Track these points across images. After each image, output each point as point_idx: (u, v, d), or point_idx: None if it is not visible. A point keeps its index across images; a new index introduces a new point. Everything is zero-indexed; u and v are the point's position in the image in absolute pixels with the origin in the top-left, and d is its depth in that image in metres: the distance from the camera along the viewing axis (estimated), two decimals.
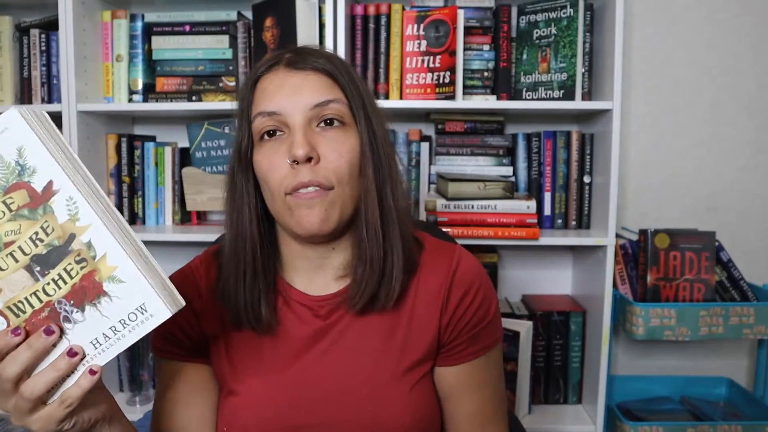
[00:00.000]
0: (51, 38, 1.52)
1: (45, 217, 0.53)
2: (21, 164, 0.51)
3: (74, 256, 0.53)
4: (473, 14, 1.48)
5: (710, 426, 1.37)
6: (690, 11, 1.61)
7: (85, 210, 0.52)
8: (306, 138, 0.67)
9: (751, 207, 1.65)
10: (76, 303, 0.54)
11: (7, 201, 0.52)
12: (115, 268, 0.53)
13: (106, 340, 0.55)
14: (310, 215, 0.68)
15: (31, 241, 0.53)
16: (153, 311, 0.54)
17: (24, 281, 0.53)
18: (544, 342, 1.53)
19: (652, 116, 1.65)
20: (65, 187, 0.52)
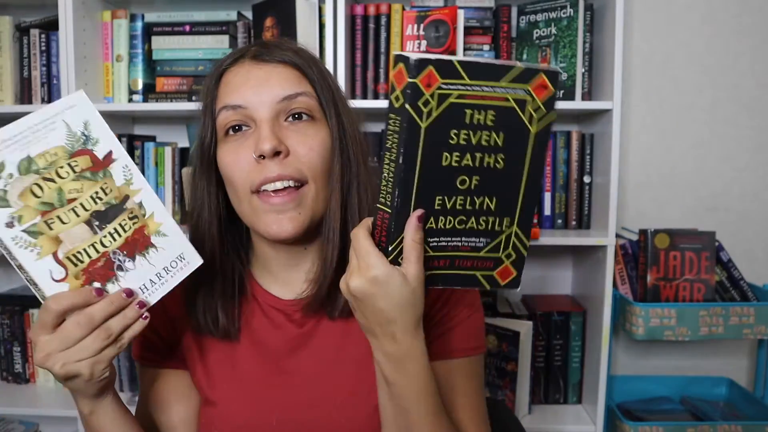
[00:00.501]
0: (51, 38, 1.52)
1: (105, 180, 0.61)
2: (86, 135, 0.60)
3: (128, 213, 0.62)
4: (473, 14, 1.48)
5: (710, 426, 1.37)
6: (690, 11, 1.61)
7: (137, 176, 0.62)
8: (273, 131, 0.64)
9: (751, 207, 1.65)
10: (128, 253, 0.62)
11: (72, 163, 0.59)
12: (160, 224, 0.63)
13: (152, 284, 0.63)
14: (280, 221, 0.65)
15: (92, 198, 0.60)
16: (189, 259, 0.64)
17: (83, 234, 0.60)
18: (544, 342, 1.53)
19: (652, 116, 1.64)
20: (122, 156, 0.61)
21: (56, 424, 1.64)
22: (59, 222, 0.59)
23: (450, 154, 0.52)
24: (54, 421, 1.64)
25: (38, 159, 0.58)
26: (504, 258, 0.58)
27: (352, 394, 0.71)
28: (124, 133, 1.59)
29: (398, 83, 0.49)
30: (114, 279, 0.62)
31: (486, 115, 0.52)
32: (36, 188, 0.58)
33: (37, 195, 0.58)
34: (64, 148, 0.59)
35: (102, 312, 0.58)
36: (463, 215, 0.55)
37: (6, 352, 1.64)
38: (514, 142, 0.54)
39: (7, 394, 1.58)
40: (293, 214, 0.65)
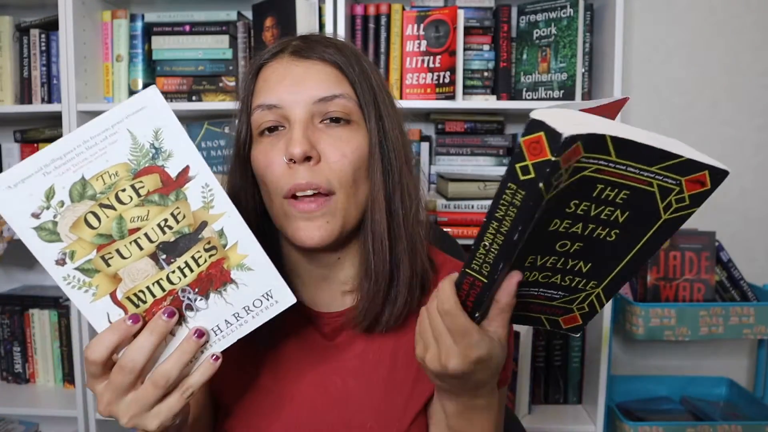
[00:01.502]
0: (51, 38, 1.52)
1: (176, 204, 0.50)
2: (156, 147, 0.48)
3: (204, 243, 0.51)
4: (473, 14, 1.48)
5: (710, 426, 1.37)
6: (690, 11, 1.61)
7: (220, 198, 0.50)
8: (305, 135, 0.60)
9: (751, 207, 1.65)
10: (200, 291, 0.52)
11: (136, 185, 0.49)
12: (245, 256, 0.52)
13: (228, 326, 0.54)
14: (309, 228, 0.61)
15: (159, 227, 0.50)
16: (279, 297, 0.54)
17: (147, 269, 0.51)
18: (544, 342, 1.53)
19: (652, 116, 1.64)
20: (202, 173, 0.49)
21: (56, 424, 1.64)
22: (118, 257, 0.50)
23: (561, 220, 0.47)
24: (54, 421, 1.64)
25: (94, 182, 0.48)
26: (575, 309, 0.53)
27: (381, 416, 0.68)
28: None
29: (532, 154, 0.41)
30: (182, 320, 0.53)
31: (618, 193, 0.46)
32: (91, 218, 0.49)
33: (92, 226, 0.49)
34: (127, 165, 0.48)
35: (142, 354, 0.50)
36: (549, 272, 0.51)
37: (6, 352, 1.64)
38: (639, 223, 0.48)
39: (7, 394, 1.58)
40: (321, 222, 0.61)
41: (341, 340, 0.70)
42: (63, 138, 0.47)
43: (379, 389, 0.68)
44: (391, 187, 0.65)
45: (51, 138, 1.59)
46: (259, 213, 0.68)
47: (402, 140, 0.67)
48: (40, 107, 1.51)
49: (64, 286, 0.50)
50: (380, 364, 0.69)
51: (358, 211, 0.64)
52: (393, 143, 0.65)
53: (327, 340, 0.70)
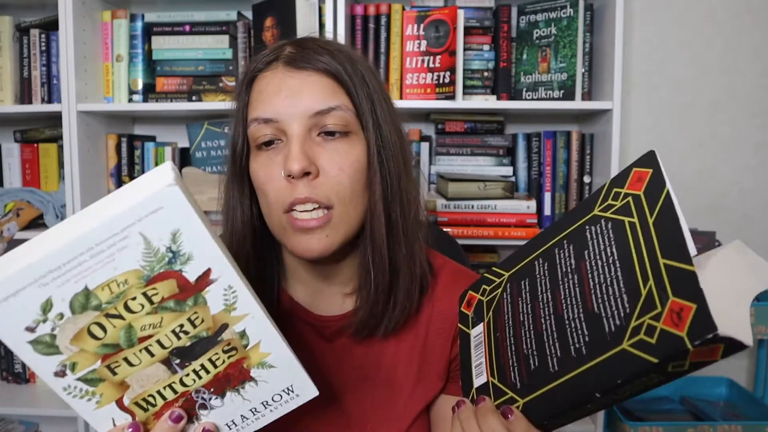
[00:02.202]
0: (51, 38, 1.52)
1: (194, 309, 0.44)
2: (173, 251, 0.42)
3: (223, 345, 0.47)
4: (473, 14, 1.48)
5: (710, 426, 1.37)
6: (690, 11, 1.61)
7: (244, 299, 0.45)
8: (303, 150, 0.59)
9: (751, 207, 1.65)
10: (216, 391, 0.48)
11: (149, 293, 0.43)
12: (267, 355, 0.48)
13: (244, 420, 0.50)
14: (309, 241, 0.61)
15: (174, 334, 0.45)
16: (300, 391, 0.50)
17: (158, 375, 0.46)
18: None
19: (652, 116, 1.64)
20: (225, 275, 0.44)
21: (56, 424, 1.65)
22: (126, 365, 0.45)
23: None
24: (54, 421, 1.64)
25: (99, 291, 0.42)
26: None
27: (381, 418, 0.68)
28: (124, 133, 1.59)
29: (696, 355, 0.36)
30: (195, 419, 0.49)
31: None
32: (96, 328, 0.43)
33: (96, 336, 0.43)
34: (139, 272, 0.42)
35: None
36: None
37: (6, 352, 1.63)
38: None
39: (7, 394, 1.58)
40: (321, 235, 0.61)
41: (341, 343, 0.70)
42: (63, 244, 0.39)
43: (380, 391, 0.68)
44: (390, 195, 0.64)
45: (51, 138, 1.59)
46: (256, 222, 0.67)
47: (400, 143, 0.66)
48: (40, 107, 1.51)
49: (65, 396, 0.45)
50: (380, 366, 0.69)
51: (357, 221, 0.64)
52: (392, 150, 0.64)
53: (327, 342, 0.70)
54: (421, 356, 0.70)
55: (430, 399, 0.70)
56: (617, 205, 0.47)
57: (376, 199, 0.63)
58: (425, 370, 0.70)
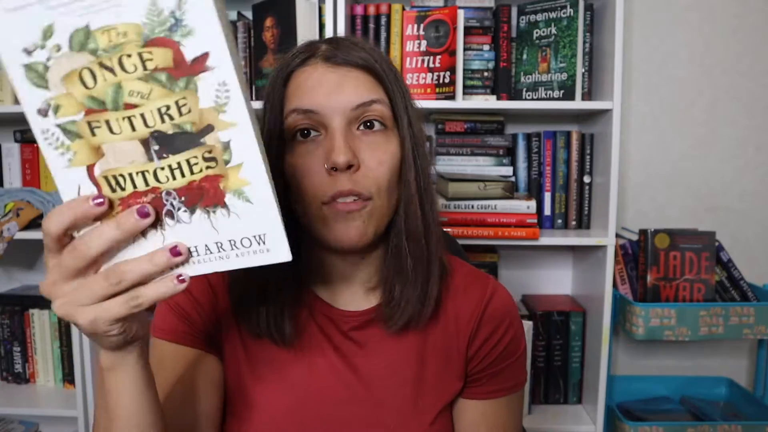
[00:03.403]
0: None
1: (184, 93, 0.42)
2: (177, 17, 0.40)
3: (204, 150, 0.44)
4: (473, 14, 1.48)
5: (710, 426, 1.37)
6: (690, 11, 1.61)
7: (236, 104, 0.42)
8: (347, 143, 0.61)
9: (751, 207, 1.65)
10: (187, 201, 0.45)
11: (144, 55, 0.41)
12: (246, 183, 0.45)
13: (207, 253, 0.47)
14: (349, 229, 0.62)
15: (159, 113, 0.43)
16: (271, 247, 0.46)
17: (135, 155, 0.44)
18: (544, 342, 1.53)
19: (652, 116, 1.65)
20: (223, 68, 0.41)
21: (56, 424, 1.65)
22: (106, 129, 0.43)
23: None
24: (54, 421, 1.64)
25: (99, 35, 0.41)
26: None
27: (406, 416, 0.69)
28: None
29: None
30: (158, 225, 0.46)
31: None
32: (87, 74, 0.42)
33: (86, 84, 0.42)
34: (139, 28, 0.41)
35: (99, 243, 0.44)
36: None
37: (6, 352, 1.64)
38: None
39: (7, 394, 1.58)
40: (359, 223, 0.62)
41: (364, 338, 0.70)
42: None
43: (404, 388, 0.69)
44: (423, 188, 0.66)
45: None
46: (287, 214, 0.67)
47: (425, 142, 0.69)
48: None
49: (42, 140, 0.44)
50: (405, 362, 0.70)
51: (389, 214, 0.66)
52: (422, 147, 0.67)
53: (349, 338, 0.70)
54: (443, 354, 0.71)
55: (451, 397, 0.71)
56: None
57: (412, 194, 0.65)
58: (446, 367, 0.71)
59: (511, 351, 0.73)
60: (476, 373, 0.72)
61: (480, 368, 0.72)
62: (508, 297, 0.75)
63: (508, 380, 0.73)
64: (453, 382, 0.71)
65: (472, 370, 0.72)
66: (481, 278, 0.75)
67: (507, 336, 0.72)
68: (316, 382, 0.69)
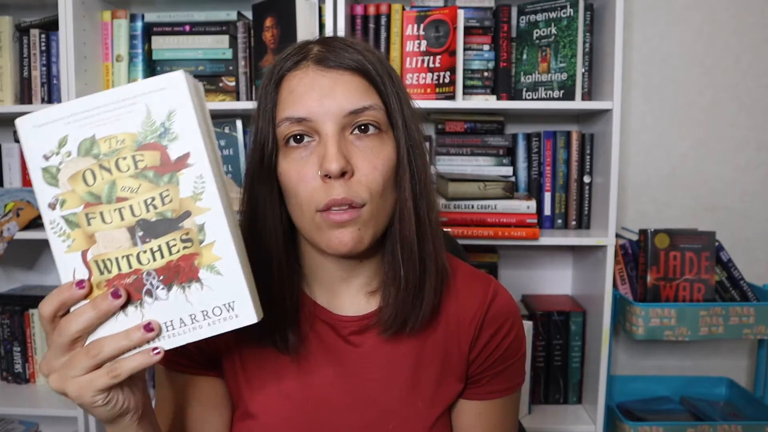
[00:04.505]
0: (51, 38, 1.52)
1: (168, 186, 0.51)
2: (166, 127, 0.50)
3: (182, 233, 0.51)
4: (473, 14, 1.48)
5: (710, 426, 1.37)
6: (690, 11, 1.61)
7: (210, 193, 0.50)
8: (340, 149, 0.60)
9: (751, 207, 1.65)
10: (165, 280, 0.52)
11: (137, 157, 0.50)
12: (218, 258, 0.51)
13: (182, 326, 0.52)
14: (342, 236, 0.61)
15: (145, 204, 0.51)
16: (240, 312, 0.52)
17: (122, 241, 0.51)
18: (544, 342, 1.53)
19: (652, 116, 1.64)
20: (200, 164, 0.50)
21: (56, 424, 1.65)
22: (100, 219, 0.51)
23: None
24: (54, 421, 1.64)
25: (102, 142, 0.50)
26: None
27: (406, 420, 0.68)
28: None
29: None
30: (138, 303, 0.52)
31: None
32: (89, 175, 0.51)
33: (87, 182, 0.51)
34: (135, 136, 0.50)
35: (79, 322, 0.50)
36: None
37: (6, 352, 1.64)
38: None
39: (7, 394, 1.58)
40: (353, 229, 0.61)
41: (364, 343, 0.70)
42: (88, 96, 0.50)
43: (402, 391, 0.69)
44: (418, 193, 0.65)
45: None
46: (285, 223, 0.67)
47: (422, 143, 0.67)
48: (40, 107, 1.50)
49: (49, 229, 0.52)
50: (403, 366, 0.69)
51: (386, 218, 0.65)
52: (419, 149, 0.66)
53: (348, 343, 0.70)
54: (443, 357, 0.70)
55: (451, 400, 0.71)
56: None
57: (406, 197, 0.64)
58: (446, 370, 0.70)
59: (512, 352, 0.72)
60: (477, 375, 0.72)
61: (481, 369, 0.71)
62: (510, 298, 0.74)
63: (507, 381, 0.73)
64: (453, 385, 0.71)
65: (474, 372, 0.72)
66: (482, 279, 0.74)
67: (509, 337, 0.71)
68: (315, 388, 0.69)
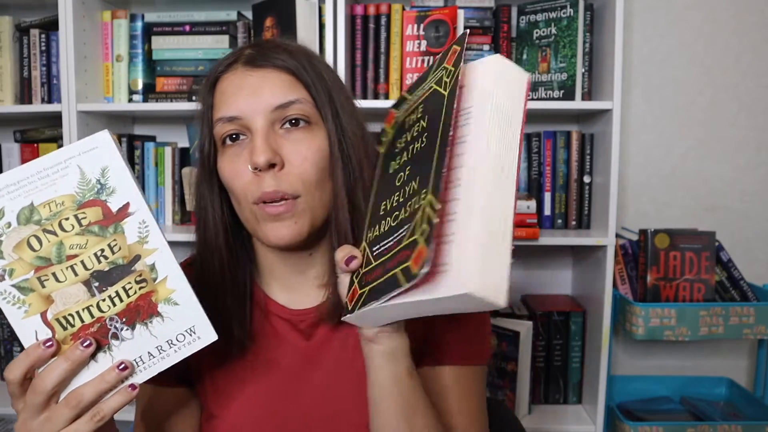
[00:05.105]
0: (51, 38, 1.52)
1: (114, 236, 0.54)
2: (102, 183, 0.52)
3: (135, 276, 0.54)
4: (473, 14, 1.48)
5: (710, 426, 1.37)
6: (690, 11, 1.61)
7: (155, 234, 0.54)
8: (267, 143, 0.63)
9: (751, 207, 1.65)
10: (127, 321, 0.55)
11: (79, 215, 0.53)
12: (173, 291, 0.55)
13: (150, 358, 0.56)
14: (278, 228, 0.64)
15: (96, 257, 0.53)
16: (201, 334, 0.56)
17: (79, 295, 0.54)
18: (544, 342, 1.53)
19: (652, 116, 1.64)
20: (140, 210, 0.53)
21: None
22: (53, 280, 0.53)
23: (395, 160, 0.54)
24: None
25: (41, 208, 0.52)
26: (419, 237, 0.47)
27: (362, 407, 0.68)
28: (124, 133, 1.59)
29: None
30: (107, 348, 0.55)
31: (417, 111, 0.56)
32: (34, 241, 0.52)
33: (33, 248, 0.52)
34: (73, 197, 0.52)
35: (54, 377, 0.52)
36: (396, 210, 0.52)
37: (6, 352, 1.64)
38: (433, 114, 0.53)
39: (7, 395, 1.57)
40: (290, 222, 0.64)
41: (319, 335, 0.71)
42: (19, 167, 0.51)
43: (360, 380, 0.68)
44: (352, 182, 0.67)
45: (51, 138, 1.59)
46: (228, 220, 0.70)
47: (361, 134, 0.69)
48: (40, 107, 1.51)
49: (1, 299, 0.53)
50: (357, 352, 0.69)
51: (324, 209, 0.67)
52: (351, 140, 0.67)
53: (305, 337, 0.71)
54: None
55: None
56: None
57: (339, 186, 0.66)
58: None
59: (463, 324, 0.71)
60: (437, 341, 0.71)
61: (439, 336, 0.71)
62: None
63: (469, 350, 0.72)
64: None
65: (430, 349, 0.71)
66: None
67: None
68: (277, 384, 0.70)
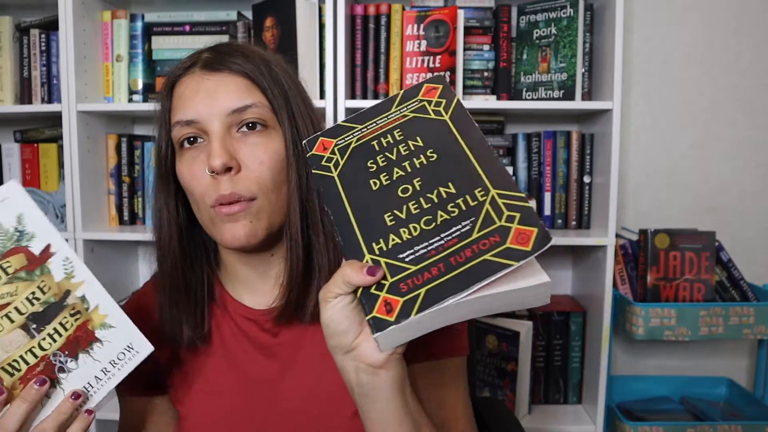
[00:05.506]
0: (51, 38, 1.52)
1: (42, 278, 0.56)
2: (20, 230, 0.55)
3: (69, 310, 0.57)
4: (473, 14, 1.48)
5: (710, 426, 1.37)
6: (690, 11, 1.61)
7: (79, 268, 0.57)
8: (224, 146, 0.63)
9: (751, 207, 1.65)
10: (70, 353, 0.57)
11: (4, 265, 0.55)
12: (105, 315, 0.58)
13: (98, 381, 0.58)
14: (234, 229, 0.64)
15: (28, 300, 0.56)
16: (138, 348, 0.59)
17: (19, 340, 0.56)
18: (544, 342, 1.53)
19: (652, 116, 1.64)
20: (62, 249, 0.56)
21: None
22: None
23: (377, 178, 0.56)
24: None
25: None
26: (506, 223, 0.50)
27: (330, 403, 0.69)
28: (124, 133, 1.59)
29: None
30: (56, 382, 0.57)
31: (393, 135, 0.59)
32: None
33: None
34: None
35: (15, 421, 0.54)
36: (426, 215, 0.53)
37: None
38: (434, 134, 0.57)
39: None
40: (245, 222, 0.65)
41: (284, 335, 0.72)
42: None
43: (326, 377, 0.69)
44: (306, 185, 0.68)
45: (51, 138, 1.59)
46: (183, 222, 0.71)
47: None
48: (40, 107, 1.50)
49: None
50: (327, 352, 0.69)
51: (282, 211, 0.67)
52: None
53: (271, 335, 0.72)
54: None
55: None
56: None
57: (292, 189, 0.67)
58: None
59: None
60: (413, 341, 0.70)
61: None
62: None
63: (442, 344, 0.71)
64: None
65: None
66: None
67: None
68: (243, 384, 0.71)
